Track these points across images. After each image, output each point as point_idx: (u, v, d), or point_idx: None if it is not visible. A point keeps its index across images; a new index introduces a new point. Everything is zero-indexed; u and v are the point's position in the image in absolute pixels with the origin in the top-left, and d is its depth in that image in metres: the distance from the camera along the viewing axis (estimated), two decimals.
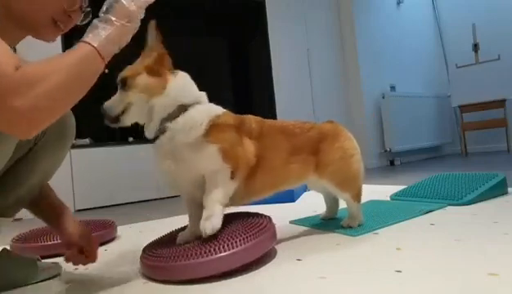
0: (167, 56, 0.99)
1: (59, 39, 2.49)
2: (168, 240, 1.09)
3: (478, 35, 4.43)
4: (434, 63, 4.91)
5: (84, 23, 0.93)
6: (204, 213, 0.97)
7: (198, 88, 1.04)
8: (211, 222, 0.94)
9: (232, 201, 1.02)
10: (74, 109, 0.86)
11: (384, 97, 4.11)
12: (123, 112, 0.96)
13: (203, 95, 1.05)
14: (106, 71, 0.78)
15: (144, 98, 0.96)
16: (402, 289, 0.73)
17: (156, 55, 0.97)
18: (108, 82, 0.96)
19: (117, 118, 0.96)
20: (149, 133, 0.99)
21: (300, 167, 1.13)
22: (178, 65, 1.02)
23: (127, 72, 0.97)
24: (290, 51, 3.83)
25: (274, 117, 3.52)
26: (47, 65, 0.68)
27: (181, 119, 0.96)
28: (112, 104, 0.96)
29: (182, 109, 0.97)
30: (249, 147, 1.03)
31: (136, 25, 0.81)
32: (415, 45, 4.68)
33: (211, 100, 1.05)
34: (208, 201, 0.98)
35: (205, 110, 1.00)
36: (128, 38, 0.80)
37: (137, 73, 0.96)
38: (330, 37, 4.17)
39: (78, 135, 2.69)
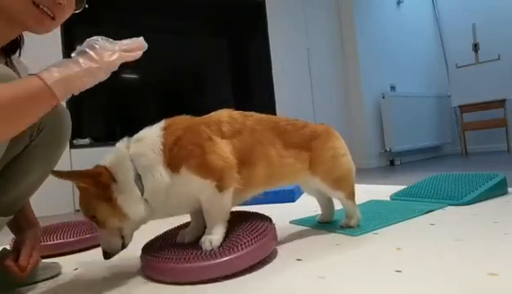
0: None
1: (59, 42, 2.50)
2: (169, 239, 1.09)
3: (478, 35, 4.43)
4: (434, 63, 4.90)
5: (79, 11, 0.91)
6: (207, 229, 0.98)
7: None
8: (211, 241, 0.94)
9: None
10: (74, 109, 0.85)
11: (384, 97, 4.11)
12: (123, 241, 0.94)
13: (122, 147, 0.94)
14: (55, 106, 0.75)
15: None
16: (402, 289, 0.73)
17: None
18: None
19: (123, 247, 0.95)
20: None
21: (296, 162, 1.11)
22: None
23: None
24: (290, 51, 3.83)
25: None
26: None
27: (148, 183, 0.91)
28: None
29: (138, 177, 0.91)
30: (224, 147, 0.97)
31: (105, 75, 0.78)
32: (415, 45, 4.68)
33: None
34: (208, 220, 0.98)
35: (144, 148, 0.92)
36: (92, 83, 0.78)
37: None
38: (330, 37, 4.17)
39: (78, 135, 2.71)
